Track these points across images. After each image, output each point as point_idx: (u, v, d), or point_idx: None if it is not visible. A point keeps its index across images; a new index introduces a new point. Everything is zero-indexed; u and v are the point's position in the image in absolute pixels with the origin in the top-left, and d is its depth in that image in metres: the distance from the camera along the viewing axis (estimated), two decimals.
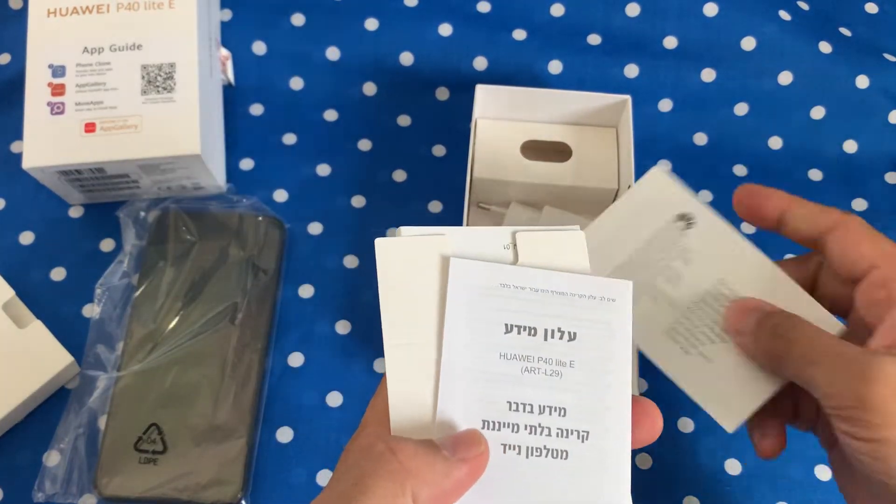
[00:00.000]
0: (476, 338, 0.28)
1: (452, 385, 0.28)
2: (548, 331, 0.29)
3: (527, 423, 0.28)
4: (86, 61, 0.47)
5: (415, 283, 0.29)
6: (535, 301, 0.29)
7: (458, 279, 0.29)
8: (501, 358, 0.28)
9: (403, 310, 0.29)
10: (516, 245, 0.30)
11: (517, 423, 0.28)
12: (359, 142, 0.53)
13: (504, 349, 0.29)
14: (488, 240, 0.30)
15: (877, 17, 0.57)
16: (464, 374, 0.28)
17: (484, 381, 0.28)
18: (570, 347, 0.29)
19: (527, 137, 0.49)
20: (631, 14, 0.55)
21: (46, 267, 0.49)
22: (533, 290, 0.29)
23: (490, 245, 0.30)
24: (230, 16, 0.55)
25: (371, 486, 0.25)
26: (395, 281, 0.29)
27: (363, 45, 0.55)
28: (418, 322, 0.29)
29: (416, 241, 0.30)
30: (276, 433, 0.46)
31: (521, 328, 0.29)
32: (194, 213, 0.49)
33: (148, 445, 0.44)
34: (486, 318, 0.29)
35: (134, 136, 0.46)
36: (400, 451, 0.26)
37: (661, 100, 0.54)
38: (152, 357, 0.45)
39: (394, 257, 0.29)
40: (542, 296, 0.29)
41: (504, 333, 0.29)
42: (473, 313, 0.29)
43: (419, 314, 0.29)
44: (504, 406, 0.28)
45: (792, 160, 0.53)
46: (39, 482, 0.43)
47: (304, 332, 0.48)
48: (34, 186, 0.51)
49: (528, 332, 0.29)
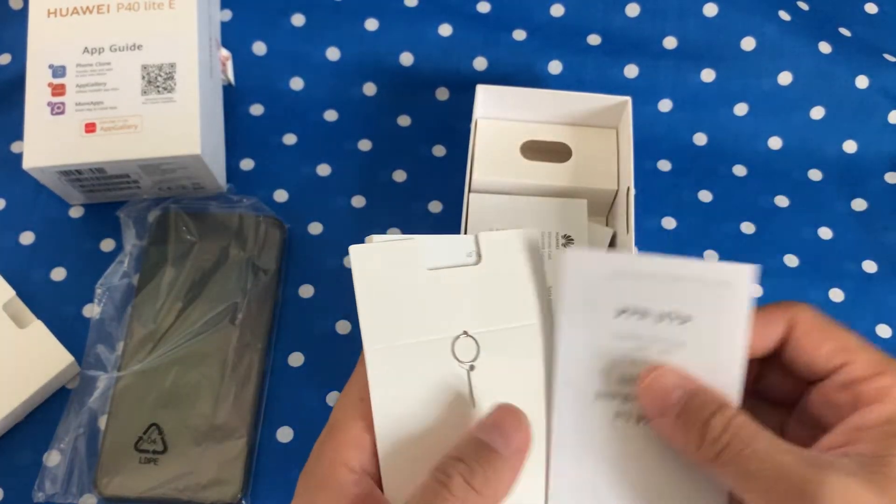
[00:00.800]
0: (590, 320, 0.30)
1: (568, 359, 0.30)
2: (661, 313, 0.30)
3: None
4: (86, 61, 0.47)
5: (389, 286, 0.31)
6: (649, 286, 0.30)
7: (572, 267, 0.30)
8: (615, 338, 0.30)
9: (382, 313, 0.30)
10: (479, 249, 0.32)
11: (629, 394, 0.30)
12: (359, 142, 0.53)
13: (617, 330, 0.30)
14: (455, 246, 0.32)
15: (876, 17, 0.57)
16: (579, 352, 0.30)
17: (597, 357, 0.30)
18: (682, 329, 0.30)
19: (527, 137, 0.49)
20: (631, 14, 0.55)
21: (47, 267, 0.49)
22: (646, 275, 0.30)
23: (456, 251, 0.32)
24: (230, 16, 0.55)
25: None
26: (372, 285, 0.31)
27: (363, 46, 0.55)
28: (399, 324, 0.30)
29: (389, 247, 0.31)
30: (276, 433, 0.46)
31: (634, 311, 0.30)
32: (195, 213, 0.49)
33: (148, 445, 0.44)
34: (600, 302, 0.30)
35: (134, 136, 0.46)
36: (478, 484, 0.26)
37: (661, 100, 0.54)
38: (153, 357, 0.45)
39: (368, 263, 0.31)
40: (655, 280, 0.30)
41: (615, 317, 0.30)
42: (588, 298, 0.30)
43: (399, 316, 0.30)
44: (616, 377, 0.30)
45: (792, 160, 0.54)
46: (40, 482, 0.43)
47: (304, 332, 0.48)
48: (34, 186, 0.51)
49: (640, 315, 0.30)
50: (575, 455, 0.30)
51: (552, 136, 0.49)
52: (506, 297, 0.32)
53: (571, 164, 0.48)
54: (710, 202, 0.52)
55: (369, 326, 0.30)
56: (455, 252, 0.32)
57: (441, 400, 0.30)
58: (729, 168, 0.53)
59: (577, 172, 0.48)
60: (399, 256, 0.31)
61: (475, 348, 0.31)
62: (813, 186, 0.53)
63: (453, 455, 0.27)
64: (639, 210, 0.51)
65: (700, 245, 0.51)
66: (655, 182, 0.53)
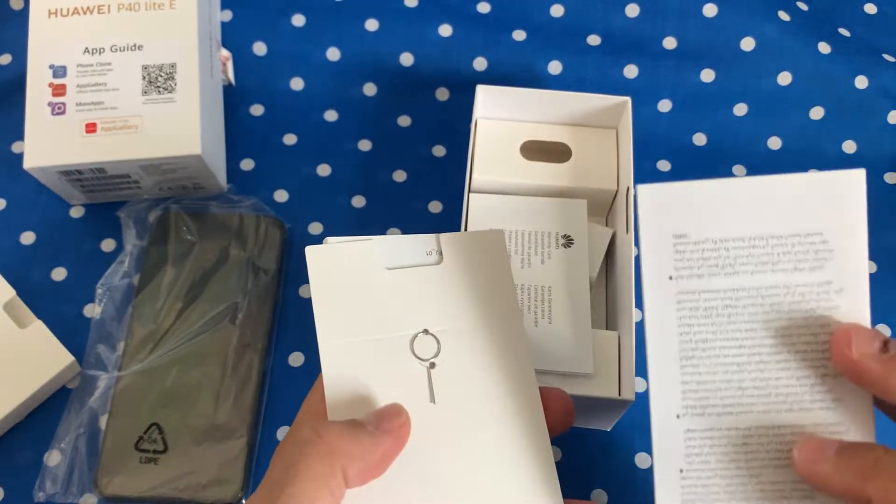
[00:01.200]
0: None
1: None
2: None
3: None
4: (87, 62, 0.47)
5: (346, 285, 0.31)
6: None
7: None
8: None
9: (339, 311, 0.31)
10: (441, 249, 0.33)
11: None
12: (359, 142, 0.54)
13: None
14: (414, 246, 0.33)
15: (876, 17, 0.57)
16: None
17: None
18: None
19: (527, 137, 0.49)
20: (630, 14, 0.55)
21: (47, 267, 0.49)
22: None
23: (415, 251, 0.33)
24: (231, 16, 0.55)
25: (301, 470, 0.26)
26: (328, 285, 0.31)
27: (363, 46, 0.55)
28: (356, 322, 0.31)
29: (345, 248, 0.32)
30: (276, 433, 0.46)
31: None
32: (195, 213, 0.49)
33: (149, 445, 0.44)
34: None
35: (135, 136, 0.46)
36: (326, 433, 0.27)
37: (661, 100, 0.54)
38: (153, 357, 0.45)
39: (324, 264, 0.31)
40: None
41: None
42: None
43: (356, 315, 0.31)
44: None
45: (791, 160, 0.54)
46: (40, 482, 0.43)
47: (305, 331, 0.48)
48: (35, 186, 0.51)
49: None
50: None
51: (552, 136, 0.49)
52: (467, 295, 0.32)
53: (571, 164, 0.48)
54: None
55: (324, 324, 0.30)
56: (415, 252, 0.32)
57: (398, 397, 0.30)
58: (729, 168, 0.53)
59: (576, 172, 0.48)
60: (355, 257, 0.32)
61: (436, 346, 0.31)
62: None
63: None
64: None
65: None
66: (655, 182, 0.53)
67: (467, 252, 0.33)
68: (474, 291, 0.32)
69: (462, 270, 0.32)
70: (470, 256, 0.33)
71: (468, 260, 0.33)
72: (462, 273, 0.32)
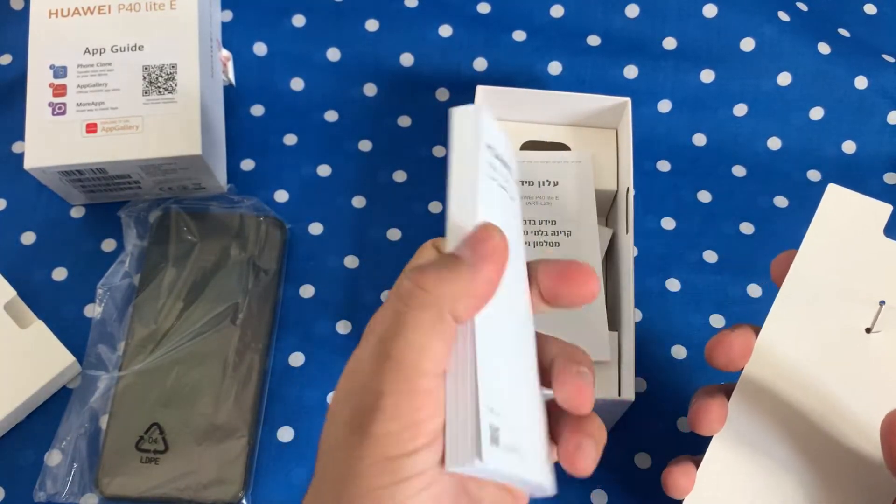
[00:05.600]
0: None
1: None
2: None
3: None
4: (87, 62, 0.47)
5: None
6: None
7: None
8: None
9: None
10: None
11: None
12: (359, 142, 0.54)
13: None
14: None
15: (875, 17, 0.57)
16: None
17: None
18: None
19: (527, 138, 0.49)
20: (630, 15, 0.55)
21: (48, 267, 0.49)
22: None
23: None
24: (231, 16, 0.55)
25: (410, 322, 0.25)
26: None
27: (363, 46, 0.55)
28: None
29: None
30: (276, 433, 0.46)
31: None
32: (195, 213, 0.49)
33: (149, 445, 0.44)
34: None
35: (135, 136, 0.46)
36: (425, 282, 0.26)
37: (661, 100, 0.54)
38: (154, 357, 0.45)
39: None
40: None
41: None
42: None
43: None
44: None
45: (791, 161, 0.54)
46: (41, 481, 0.43)
47: (305, 332, 0.48)
48: (36, 187, 0.51)
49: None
50: None
51: (552, 137, 0.49)
52: None
53: None
54: (709, 202, 0.52)
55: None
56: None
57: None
58: (728, 168, 0.53)
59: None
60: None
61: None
62: (812, 187, 0.53)
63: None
64: (638, 210, 0.51)
65: (699, 245, 0.51)
66: (655, 182, 0.53)
67: None
68: None
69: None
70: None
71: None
72: None
